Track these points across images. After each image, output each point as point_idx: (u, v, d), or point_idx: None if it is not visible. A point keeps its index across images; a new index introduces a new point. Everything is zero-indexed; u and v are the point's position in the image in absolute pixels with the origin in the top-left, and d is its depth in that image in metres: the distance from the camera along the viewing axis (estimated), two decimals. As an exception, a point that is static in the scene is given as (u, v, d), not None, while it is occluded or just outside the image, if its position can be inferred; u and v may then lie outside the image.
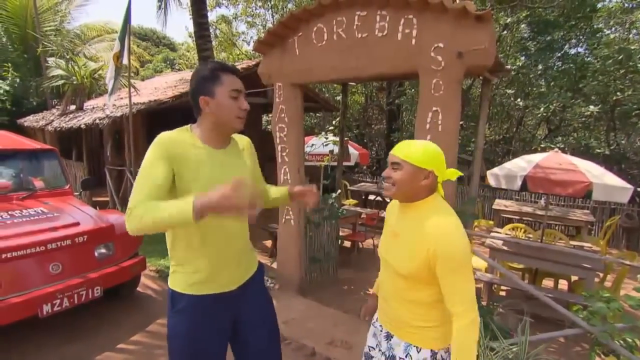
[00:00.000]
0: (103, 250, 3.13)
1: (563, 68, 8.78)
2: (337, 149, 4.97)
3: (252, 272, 1.55)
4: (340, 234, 4.88)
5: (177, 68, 22.34)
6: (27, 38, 12.04)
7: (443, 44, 2.57)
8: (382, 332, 1.43)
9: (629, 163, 8.71)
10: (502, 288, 4.27)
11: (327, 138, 6.61)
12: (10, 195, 3.38)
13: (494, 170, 4.44)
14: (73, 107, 9.08)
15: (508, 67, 3.67)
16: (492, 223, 6.86)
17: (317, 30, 3.20)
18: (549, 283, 4.36)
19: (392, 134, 10.94)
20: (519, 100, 9.26)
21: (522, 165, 4.20)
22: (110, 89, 6.31)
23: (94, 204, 6.65)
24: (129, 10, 5.88)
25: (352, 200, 7.80)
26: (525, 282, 4.08)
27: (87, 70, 8.69)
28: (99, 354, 2.78)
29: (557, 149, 4.68)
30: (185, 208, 1.11)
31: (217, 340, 1.43)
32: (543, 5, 8.32)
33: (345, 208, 4.48)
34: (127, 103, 6.46)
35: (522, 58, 9.49)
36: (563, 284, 4.40)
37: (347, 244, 5.59)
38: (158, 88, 9.16)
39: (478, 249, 3.75)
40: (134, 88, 7.47)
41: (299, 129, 3.62)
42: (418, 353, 1.29)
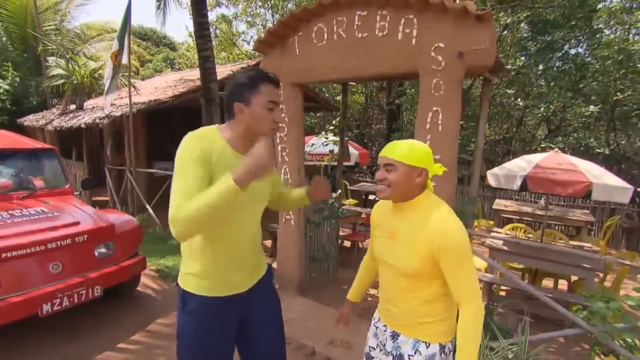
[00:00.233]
0: (103, 250, 3.13)
1: (563, 68, 8.77)
2: (337, 149, 4.97)
3: (262, 274, 1.56)
4: (340, 234, 4.88)
5: (177, 68, 22.32)
6: (27, 37, 12.03)
7: (443, 44, 2.57)
8: (385, 332, 1.43)
9: (629, 163, 8.71)
10: (502, 288, 4.27)
11: (327, 138, 6.61)
12: (10, 195, 3.37)
13: (494, 170, 4.44)
14: (73, 106, 9.08)
15: (508, 67, 3.67)
16: (492, 223, 6.86)
17: (317, 30, 3.20)
18: (549, 283, 4.36)
19: (392, 134, 10.93)
20: (519, 100, 9.26)
21: (522, 166, 4.20)
22: (107, 88, 6.32)
23: (94, 204, 6.65)
24: (129, 10, 5.88)
25: (352, 200, 7.80)
26: (525, 282, 4.08)
27: (87, 70, 8.69)
28: (99, 353, 2.78)
29: (557, 149, 4.67)
30: (227, 183, 1.14)
31: (225, 341, 1.45)
32: (543, 6, 8.32)
33: (345, 208, 4.47)
34: (127, 102, 6.47)
35: (522, 58, 9.49)
36: (563, 284, 4.40)
37: (347, 244, 5.60)
38: (158, 88, 9.16)
39: (478, 249, 3.74)
40: (134, 87, 7.47)
41: (299, 129, 3.62)
42: (427, 348, 1.31)
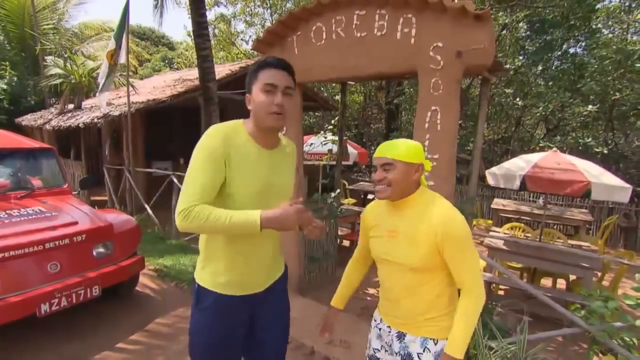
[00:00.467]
0: (101, 250, 3.12)
1: (562, 68, 8.79)
2: (336, 148, 4.97)
3: (279, 274, 1.56)
4: (339, 233, 4.87)
5: (175, 67, 22.27)
6: (24, 36, 12.00)
7: (442, 44, 2.57)
8: (390, 332, 1.43)
9: (627, 162, 8.73)
10: (500, 287, 4.28)
11: (326, 137, 6.61)
12: (8, 194, 3.36)
13: (493, 170, 4.44)
14: (71, 106, 9.06)
15: (507, 66, 3.67)
16: (490, 222, 6.87)
17: (316, 30, 3.20)
18: (547, 282, 4.37)
19: (391, 134, 10.92)
20: (518, 100, 9.27)
21: (520, 165, 4.21)
22: (101, 87, 6.31)
23: (93, 203, 6.64)
24: (127, 9, 5.86)
25: (351, 200, 7.81)
26: (524, 281, 4.09)
27: (85, 69, 8.67)
28: (98, 353, 2.78)
29: (555, 149, 4.68)
30: (251, 220, 1.20)
31: (237, 339, 1.45)
32: (542, 5, 8.32)
33: (344, 207, 4.48)
34: (125, 102, 6.45)
35: (520, 58, 9.50)
36: (561, 284, 4.41)
37: (346, 243, 5.59)
38: (156, 87, 9.14)
39: (477, 248, 3.75)
40: (133, 87, 7.45)
41: (298, 128, 3.62)
42: (436, 345, 1.33)
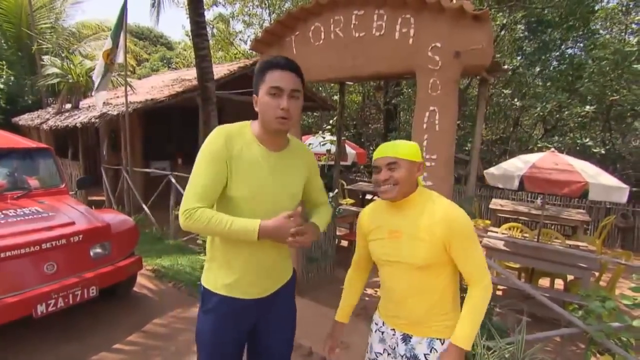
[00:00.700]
0: (99, 250, 3.11)
1: (559, 68, 8.81)
2: (334, 149, 4.96)
3: (286, 279, 1.51)
4: (338, 234, 4.88)
5: (174, 67, 22.23)
6: (21, 36, 11.95)
7: (440, 44, 2.57)
8: (394, 335, 1.42)
9: (624, 163, 8.76)
10: (498, 287, 4.29)
11: (324, 137, 6.59)
12: (5, 195, 3.34)
13: (491, 170, 4.45)
14: (69, 105, 9.03)
15: (505, 67, 3.67)
16: (488, 222, 6.87)
17: (314, 30, 3.19)
18: (545, 282, 4.38)
19: (389, 134, 10.92)
20: (516, 100, 9.28)
21: (518, 166, 4.22)
22: (97, 86, 6.28)
23: (90, 203, 6.61)
24: (125, 8, 5.84)
25: (349, 200, 7.81)
26: (522, 281, 4.09)
27: (82, 69, 8.64)
28: (95, 354, 2.76)
29: (553, 149, 4.69)
30: (250, 228, 1.22)
31: (240, 342, 1.45)
32: (541, 6, 8.34)
33: (343, 207, 4.47)
34: (123, 102, 6.43)
35: (518, 58, 9.52)
36: (559, 284, 4.42)
37: (344, 244, 5.59)
38: (155, 87, 9.12)
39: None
40: (131, 87, 7.43)
41: (297, 128, 3.62)
42: (442, 345, 1.33)
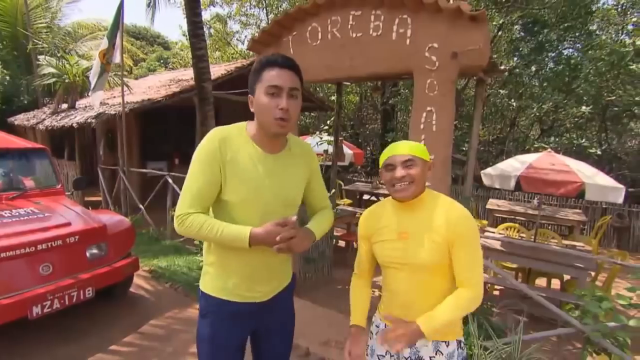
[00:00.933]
0: (95, 251, 3.09)
1: (556, 69, 8.85)
2: (331, 149, 4.96)
3: (285, 284, 1.49)
4: (335, 234, 4.88)
5: (171, 67, 22.17)
6: (17, 35, 11.88)
7: (437, 44, 2.57)
8: None
9: (620, 163, 8.81)
10: (495, 287, 4.30)
11: (321, 138, 6.58)
12: (0, 195, 3.32)
13: (488, 171, 4.46)
14: (65, 105, 8.98)
15: (502, 67, 3.69)
16: (485, 223, 6.89)
17: (311, 30, 3.19)
18: (542, 282, 4.40)
19: (386, 134, 10.94)
20: (513, 101, 9.32)
21: (515, 166, 4.22)
22: (93, 86, 6.27)
23: (87, 204, 6.57)
24: (122, 8, 5.82)
25: (346, 200, 7.81)
26: (519, 281, 4.10)
27: (79, 69, 8.60)
28: (91, 356, 2.75)
29: (550, 149, 4.71)
30: (241, 235, 1.21)
31: (239, 345, 1.44)
32: (538, 7, 8.37)
33: (340, 208, 4.47)
34: (119, 102, 6.41)
35: (515, 59, 9.55)
36: (556, 284, 4.44)
37: (341, 244, 5.59)
38: (152, 87, 9.10)
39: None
40: (127, 87, 7.40)
41: (294, 129, 3.61)
42: (447, 347, 1.34)
